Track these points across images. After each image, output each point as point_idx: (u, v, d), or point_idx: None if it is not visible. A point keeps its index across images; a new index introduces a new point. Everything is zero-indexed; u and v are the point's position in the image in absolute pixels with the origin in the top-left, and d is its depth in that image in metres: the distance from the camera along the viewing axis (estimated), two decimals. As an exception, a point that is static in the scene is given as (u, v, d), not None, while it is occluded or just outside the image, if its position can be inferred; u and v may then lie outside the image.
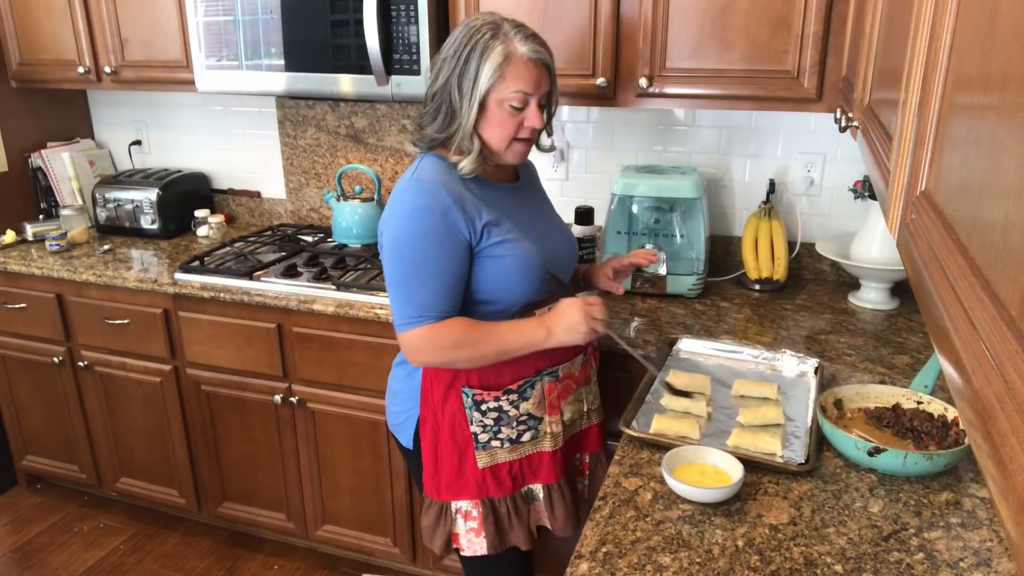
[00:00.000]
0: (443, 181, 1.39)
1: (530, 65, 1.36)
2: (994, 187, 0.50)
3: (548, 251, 1.51)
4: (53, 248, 2.54)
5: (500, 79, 1.35)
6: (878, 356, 1.75)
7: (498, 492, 1.52)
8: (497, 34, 1.35)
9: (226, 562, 2.52)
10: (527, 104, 1.39)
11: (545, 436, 1.53)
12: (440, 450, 1.52)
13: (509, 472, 1.52)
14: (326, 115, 2.66)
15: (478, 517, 1.52)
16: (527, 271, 1.45)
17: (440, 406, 1.50)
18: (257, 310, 2.19)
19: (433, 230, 1.36)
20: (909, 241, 0.75)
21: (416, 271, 1.37)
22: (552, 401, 1.53)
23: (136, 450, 2.58)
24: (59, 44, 2.55)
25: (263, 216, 2.89)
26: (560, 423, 1.55)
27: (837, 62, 1.79)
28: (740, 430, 1.39)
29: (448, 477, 1.52)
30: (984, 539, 1.13)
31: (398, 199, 1.40)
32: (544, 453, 1.54)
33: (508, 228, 1.44)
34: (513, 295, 1.46)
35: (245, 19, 2.19)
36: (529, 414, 1.51)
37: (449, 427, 1.50)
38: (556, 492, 1.56)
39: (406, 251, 1.37)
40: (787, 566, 1.08)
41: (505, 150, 1.42)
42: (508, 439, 1.51)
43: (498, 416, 1.49)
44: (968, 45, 0.61)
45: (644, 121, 2.32)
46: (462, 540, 1.55)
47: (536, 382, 1.50)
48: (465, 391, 1.48)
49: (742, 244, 2.20)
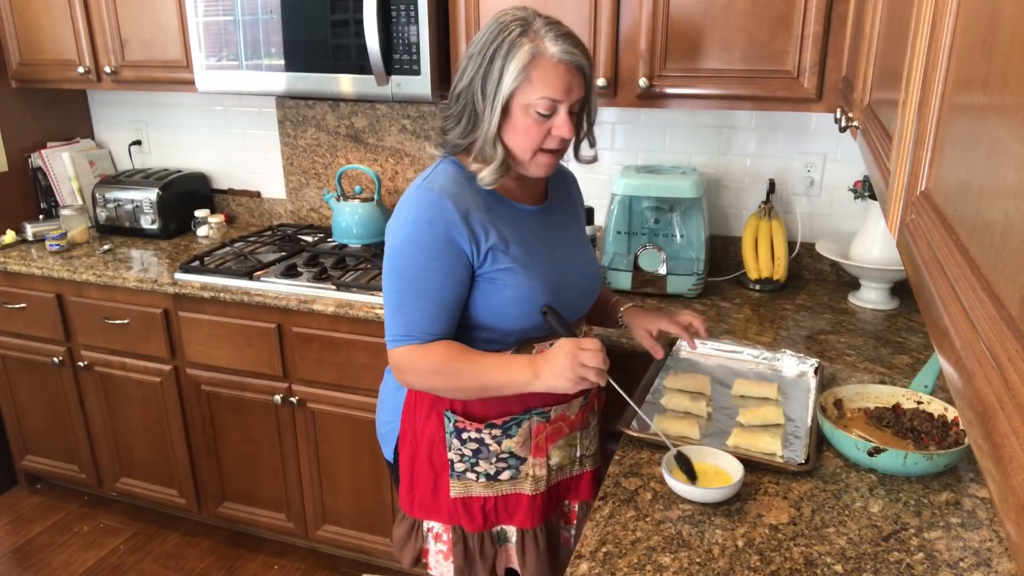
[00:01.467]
0: (453, 193, 1.27)
1: (559, 68, 1.22)
2: (994, 187, 0.50)
3: (559, 283, 1.37)
4: (53, 248, 2.54)
5: (526, 81, 1.22)
6: (878, 356, 1.75)
7: (470, 527, 1.43)
8: (527, 31, 1.22)
9: (226, 562, 2.52)
10: (555, 111, 1.24)
11: (526, 478, 1.42)
12: (416, 468, 1.45)
13: (482, 508, 1.43)
14: (326, 115, 2.66)
15: (448, 542, 1.45)
16: (528, 305, 1.32)
17: (421, 425, 1.42)
18: (257, 310, 2.19)
19: (431, 245, 1.25)
20: (909, 241, 0.75)
21: (407, 286, 1.28)
22: (539, 443, 1.41)
23: (136, 450, 2.58)
24: (59, 44, 2.56)
25: (263, 216, 2.89)
26: (545, 467, 1.43)
27: (837, 62, 1.79)
28: (740, 430, 1.39)
29: (422, 496, 1.45)
30: (984, 539, 1.13)
31: (403, 205, 1.30)
32: (523, 495, 1.43)
33: (516, 255, 1.31)
34: (510, 327, 1.34)
35: (245, 19, 2.19)
36: (511, 452, 1.40)
37: (427, 448, 1.42)
38: (530, 538, 1.45)
39: (401, 263, 1.28)
40: (787, 566, 1.08)
41: (529, 161, 1.29)
42: (485, 474, 1.41)
43: (478, 448, 1.39)
44: (968, 45, 0.61)
45: (644, 121, 2.32)
46: (431, 559, 1.49)
47: (523, 420, 1.39)
48: (448, 415, 1.39)
49: (742, 244, 2.20)
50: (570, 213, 1.51)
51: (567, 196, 1.51)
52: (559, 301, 1.34)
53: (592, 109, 1.34)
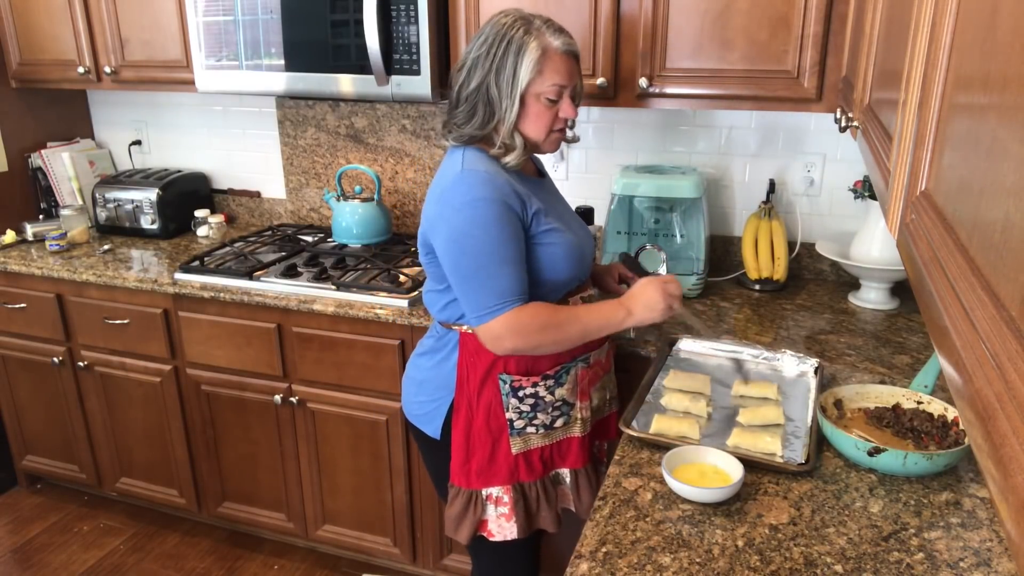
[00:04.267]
0: (493, 171, 1.41)
1: (564, 58, 1.41)
2: (994, 187, 0.50)
3: (580, 240, 1.54)
4: (53, 248, 2.54)
5: (538, 74, 1.39)
6: (878, 356, 1.75)
7: (529, 477, 1.55)
8: (530, 30, 1.39)
9: (226, 562, 2.52)
10: (561, 96, 1.43)
11: (576, 421, 1.57)
12: (473, 438, 1.53)
13: (540, 457, 1.55)
14: (326, 115, 2.66)
15: (509, 502, 1.55)
16: (571, 260, 1.49)
17: (476, 393, 1.52)
18: (257, 310, 2.19)
19: (498, 216, 1.38)
20: (909, 241, 0.75)
21: (489, 259, 1.38)
22: (583, 387, 1.57)
23: (136, 450, 2.58)
24: (59, 44, 2.55)
25: (263, 216, 2.89)
26: (589, 408, 1.59)
27: (837, 62, 1.79)
28: (740, 430, 1.39)
29: (480, 465, 1.54)
30: (984, 539, 1.13)
31: (452, 191, 1.40)
32: (574, 438, 1.58)
33: (553, 217, 1.48)
34: (562, 279, 1.49)
35: (245, 19, 2.19)
36: (564, 400, 1.54)
37: (484, 414, 1.52)
38: (583, 476, 1.60)
39: (474, 242, 1.38)
40: (787, 566, 1.08)
41: (544, 141, 1.47)
42: (543, 425, 1.54)
43: (535, 402, 1.52)
44: (968, 45, 0.61)
45: (644, 121, 2.32)
46: (491, 526, 1.56)
47: (571, 368, 1.54)
48: (502, 378, 1.50)
49: (742, 244, 2.20)
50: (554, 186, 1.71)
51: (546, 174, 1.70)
52: (584, 254, 1.54)
53: (580, 93, 1.52)
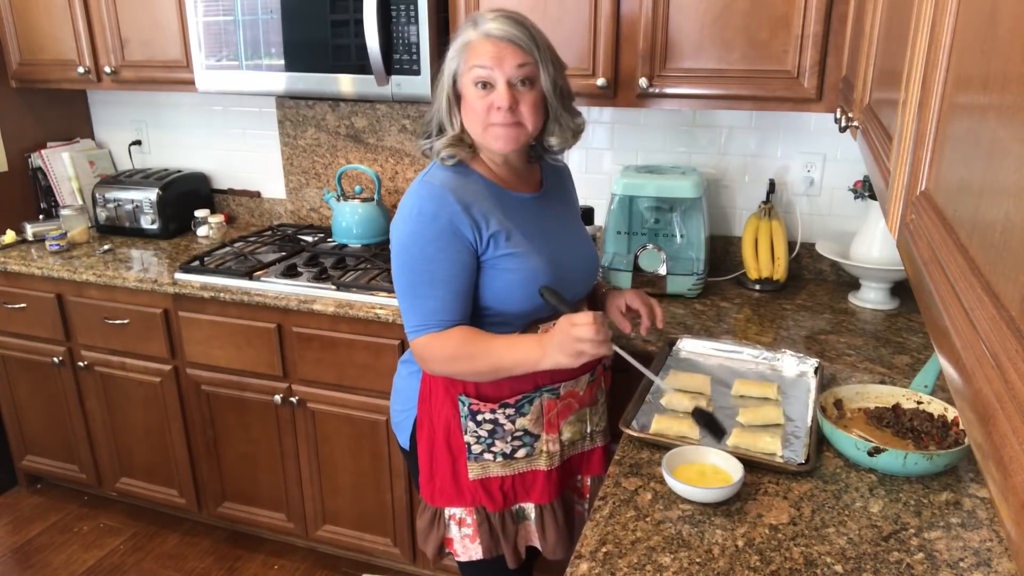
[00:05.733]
0: (453, 186, 1.35)
1: (490, 41, 1.31)
2: (994, 187, 0.50)
3: (560, 267, 1.43)
4: (53, 248, 2.54)
5: (463, 59, 1.33)
6: (878, 356, 1.75)
7: (490, 506, 1.48)
8: (474, 23, 1.34)
9: (226, 562, 2.52)
10: (494, 83, 1.31)
11: (541, 454, 1.48)
12: (435, 455, 1.49)
13: (500, 488, 1.48)
14: (326, 115, 2.66)
15: (472, 524, 1.49)
16: (531, 287, 1.38)
17: (437, 411, 1.47)
18: (257, 310, 2.19)
19: (437, 235, 1.32)
20: (909, 241, 0.75)
21: (420, 278, 1.34)
22: (551, 419, 1.47)
23: (136, 450, 2.58)
24: (59, 44, 2.55)
25: (263, 216, 2.89)
26: (558, 442, 1.49)
27: (837, 62, 1.79)
28: (740, 430, 1.39)
29: (442, 483, 1.49)
30: (984, 539, 1.13)
31: (406, 201, 1.37)
32: (539, 472, 1.48)
33: (518, 241, 1.38)
34: (515, 310, 1.41)
35: (245, 19, 2.19)
36: (525, 430, 1.46)
37: (444, 433, 1.47)
38: (548, 513, 1.51)
39: (409, 257, 1.35)
40: (787, 566, 1.08)
41: (483, 133, 1.35)
42: (502, 453, 1.46)
43: (493, 429, 1.44)
44: (968, 45, 0.61)
45: (644, 121, 2.32)
46: (456, 546, 1.52)
47: (535, 398, 1.45)
48: (462, 399, 1.44)
49: (742, 244, 2.20)
50: (566, 203, 1.59)
51: (562, 186, 1.59)
52: (559, 283, 1.41)
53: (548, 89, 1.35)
